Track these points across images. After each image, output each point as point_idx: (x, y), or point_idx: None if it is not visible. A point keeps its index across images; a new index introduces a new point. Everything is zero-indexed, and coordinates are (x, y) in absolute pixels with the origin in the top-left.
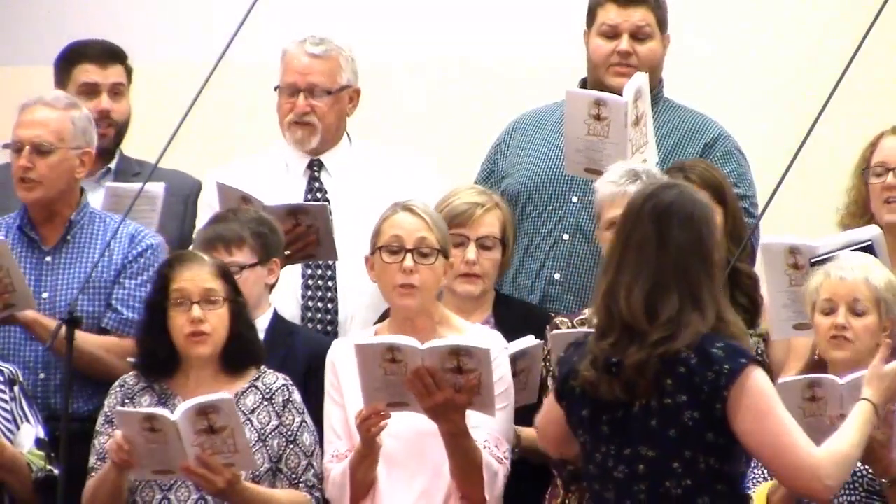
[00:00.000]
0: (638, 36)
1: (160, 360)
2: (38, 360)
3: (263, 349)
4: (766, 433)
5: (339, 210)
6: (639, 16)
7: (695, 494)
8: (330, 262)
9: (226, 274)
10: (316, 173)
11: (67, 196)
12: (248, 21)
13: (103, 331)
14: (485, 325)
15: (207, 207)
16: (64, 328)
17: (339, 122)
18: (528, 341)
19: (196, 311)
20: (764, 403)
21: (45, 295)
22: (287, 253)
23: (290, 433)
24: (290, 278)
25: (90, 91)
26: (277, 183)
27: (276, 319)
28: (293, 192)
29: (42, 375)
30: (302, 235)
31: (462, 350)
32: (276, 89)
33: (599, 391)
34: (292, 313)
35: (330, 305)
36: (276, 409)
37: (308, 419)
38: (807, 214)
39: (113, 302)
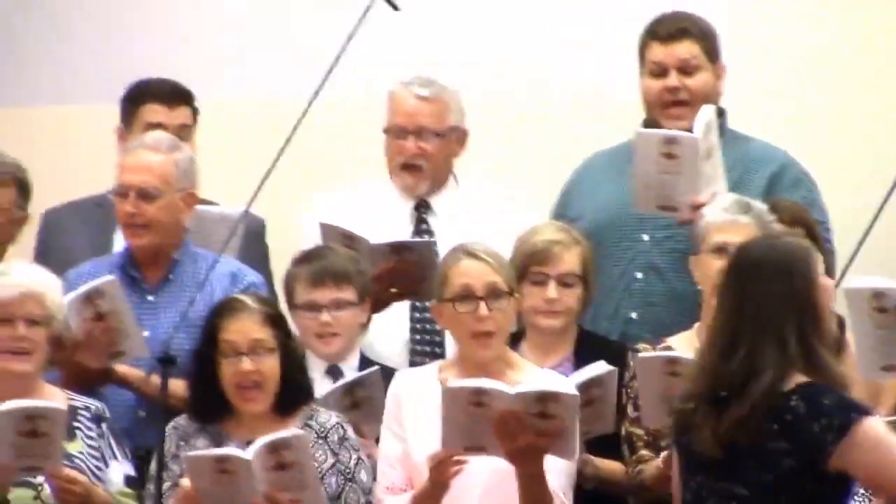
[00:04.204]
0: (686, 70)
1: (212, 407)
2: (137, 398)
3: (312, 388)
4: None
5: (446, 251)
6: (684, 49)
7: None
8: None
9: (275, 320)
10: (423, 215)
11: (173, 238)
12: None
13: None
14: (565, 362)
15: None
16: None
17: (447, 164)
18: (600, 367)
19: (246, 363)
20: (882, 453)
21: (145, 334)
22: (393, 291)
23: (347, 471)
24: (398, 322)
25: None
26: (383, 223)
27: (364, 362)
28: (399, 233)
29: (142, 413)
30: (406, 273)
31: (550, 396)
32: (385, 132)
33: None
34: (400, 357)
35: (438, 350)
36: (332, 447)
37: (364, 456)
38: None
39: None
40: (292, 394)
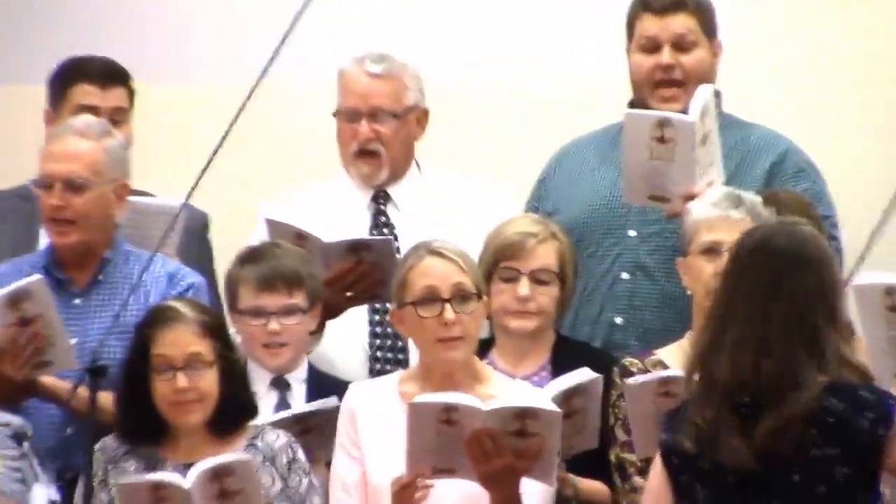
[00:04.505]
0: (681, 45)
1: (144, 427)
2: (64, 414)
3: (257, 405)
4: None
5: (408, 247)
6: (679, 23)
7: None
8: None
9: (214, 330)
10: (382, 207)
11: (103, 234)
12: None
13: None
14: (542, 371)
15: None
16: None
17: (406, 149)
18: (583, 374)
19: (181, 379)
20: None
21: (73, 341)
22: (349, 294)
23: (297, 496)
24: (356, 327)
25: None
26: (338, 218)
27: (313, 373)
28: (357, 228)
29: (70, 431)
30: (365, 274)
31: (529, 412)
32: (335, 115)
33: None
34: (359, 367)
35: (401, 356)
36: (280, 470)
37: (315, 480)
38: None
39: None
40: (234, 412)
